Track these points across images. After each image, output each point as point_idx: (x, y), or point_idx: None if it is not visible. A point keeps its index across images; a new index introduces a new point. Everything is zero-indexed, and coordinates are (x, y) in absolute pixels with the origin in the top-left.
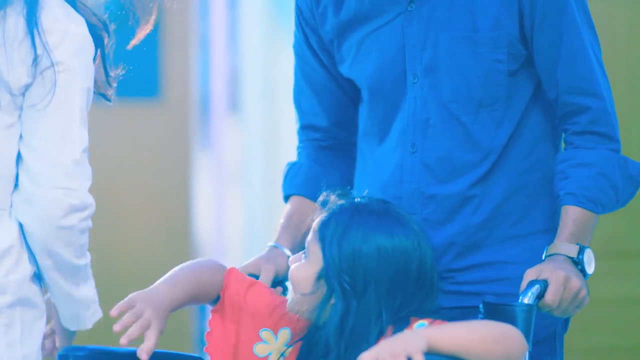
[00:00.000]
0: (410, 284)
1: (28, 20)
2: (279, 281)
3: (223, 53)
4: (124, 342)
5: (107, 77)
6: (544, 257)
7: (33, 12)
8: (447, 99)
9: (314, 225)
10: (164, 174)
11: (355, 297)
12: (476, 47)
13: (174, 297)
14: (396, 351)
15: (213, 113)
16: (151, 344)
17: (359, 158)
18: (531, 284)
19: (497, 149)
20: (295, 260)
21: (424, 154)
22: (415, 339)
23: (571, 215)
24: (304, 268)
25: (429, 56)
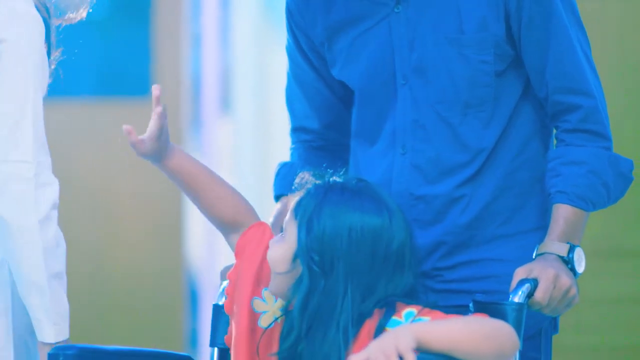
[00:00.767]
0: (378, 262)
1: None
2: None
3: (215, 52)
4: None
5: (48, 58)
6: (534, 255)
7: None
8: (435, 100)
9: (292, 203)
10: (155, 172)
11: (324, 276)
12: (462, 48)
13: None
14: (387, 351)
15: (205, 112)
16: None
17: (351, 159)
18: (521, 282)
19: (486, 150)
20: (275, 241)
21: (414, 155)
22: (404, 337)
23: (562, 213)
24: (280, 247)
25: (416, 58)
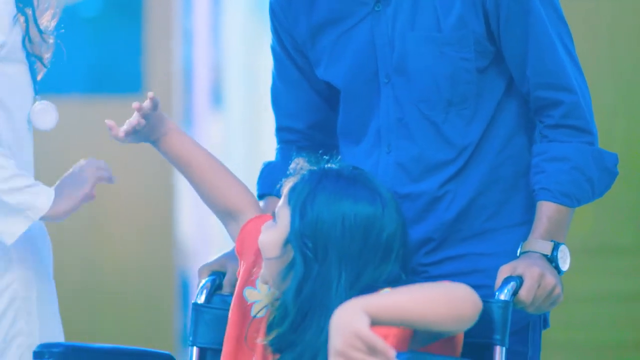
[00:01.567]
0: (367, 250)
1: None
2: None
3: (206, 48)
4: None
5: (41, 34)
6: (518, 253)
7: None
8: (417, 98)
9: (284, 190)
10: (146, 169)
11: (317, 262)
12: (441, 47)
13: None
14: (347, 338)
15: (196, 108)
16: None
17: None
18: (507, 280)
19: (470, 146)
20: (267, 227)
21: (398, 153)
22: (354, 319)
23: (545, 211)
24: (272, 232)
25: (397, 56)
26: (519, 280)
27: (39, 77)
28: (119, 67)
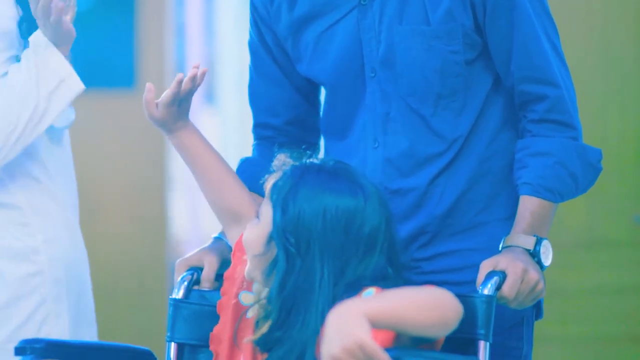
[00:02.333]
0: (349, 244)
1: None
2: (222, 274)
3: (199, 43)
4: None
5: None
6: (500, 247)
7: None
8: (405, 92)
9: (267, 186)
10: (139, 164)
11: (299, 257)
12: (430, 40)
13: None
14: (348, 347)
15: None
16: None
17: (324, 155)
18: (490, 275)
19: (460, 139)
20: (251, 225)
21: (385, 148)
22: (356, 325)
23: (528, 206)
24: (255, 229)
25: (384, 50)
26: (502, 275)
27: None
28: (111, 62)
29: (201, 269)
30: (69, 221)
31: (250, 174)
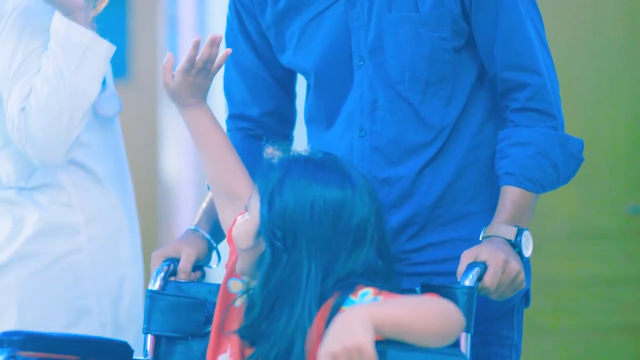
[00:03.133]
0: (338, 237)
1: None
2: (198, 265)
3: (191, 33)
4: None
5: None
6: (481, 237)
7: None
8: (394, 80)
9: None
10: (132, 154)
11: (286, 252)
12: (418, 27)
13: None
14: (348, 346)
15: None
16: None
17: (307, 144)
18: (471, 265)
19: (448, 128)
20: (240, 217)
21: (373, 137)
22: (361, 330)
23: (509, 196)
24: (244, 223)
25: (373, 38)
26: (483, 266)
27: None
28: None
29: (177, 260)
30: (113, 204)
31: None
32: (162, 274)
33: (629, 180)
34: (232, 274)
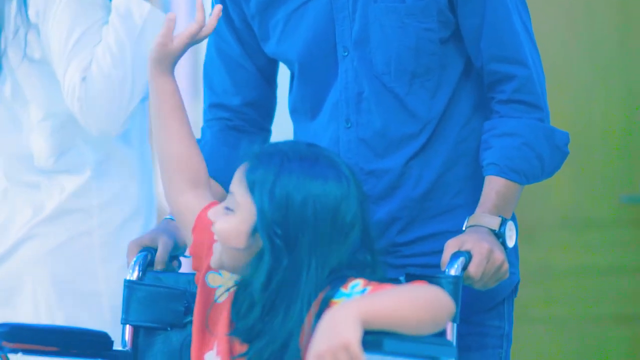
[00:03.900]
0: (337, 232)
1: None
2: (175, 255)
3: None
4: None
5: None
6: (464, 227)
7: None
8: (380, 71)
9: (239, 174)
10: None
11: (287, 251)
12: (403, 17)
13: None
14: (334, 346)
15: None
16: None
17: (293, 135)
18: (456, 255)
19: (434, 119)
20: (216, 213)
21: (359, 128)
22: (348, 328)
23: (494, 186)
24: (234, 221)
25: (358, 28)
26: (468, 255)
27: None
28: None
29: (155, 249)
30: (132, 189)
31: (206, 157)
32: (139, 263)
33: (623, 170)
34: (208, 267)
